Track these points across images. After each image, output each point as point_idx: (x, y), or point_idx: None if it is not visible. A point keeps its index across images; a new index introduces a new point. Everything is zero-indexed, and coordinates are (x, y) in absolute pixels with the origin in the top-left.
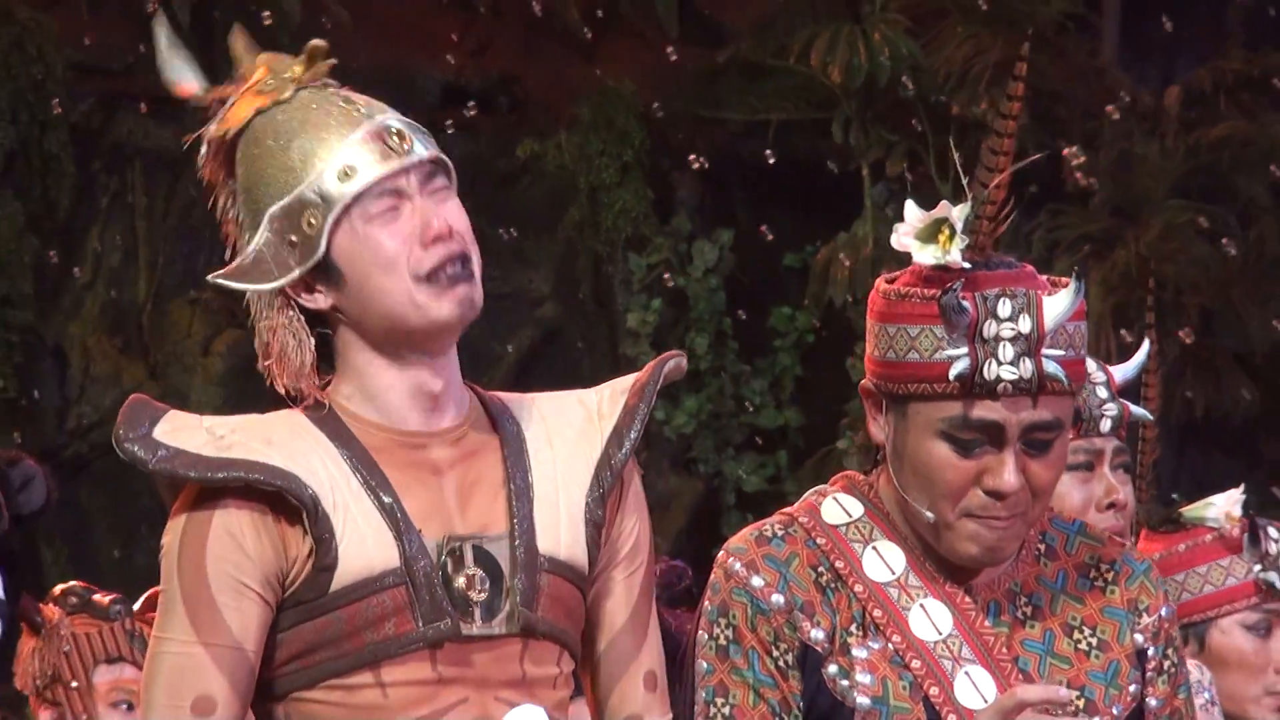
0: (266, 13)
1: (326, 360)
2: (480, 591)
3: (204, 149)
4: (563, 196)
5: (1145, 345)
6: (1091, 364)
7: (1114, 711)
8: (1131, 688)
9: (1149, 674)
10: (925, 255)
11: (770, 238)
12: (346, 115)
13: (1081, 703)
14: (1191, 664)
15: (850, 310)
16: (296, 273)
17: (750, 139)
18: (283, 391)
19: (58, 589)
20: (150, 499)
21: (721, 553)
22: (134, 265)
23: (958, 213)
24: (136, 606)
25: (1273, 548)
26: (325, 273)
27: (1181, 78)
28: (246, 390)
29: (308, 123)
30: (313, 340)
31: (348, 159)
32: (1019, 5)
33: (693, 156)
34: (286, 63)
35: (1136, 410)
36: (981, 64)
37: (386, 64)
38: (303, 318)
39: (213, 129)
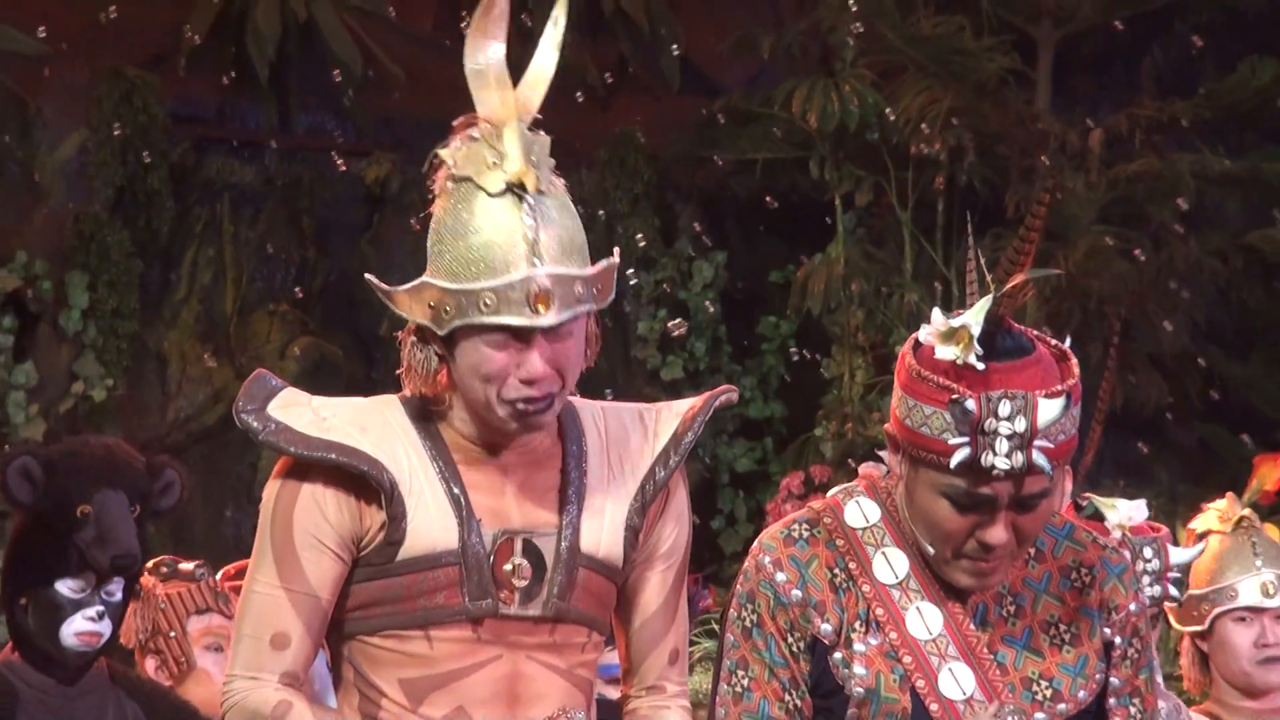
0: (335, 70)
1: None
2: (522, 579)
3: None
4: (583, 223)
5: (1202, 546)
6: (1149, 550)
7: (1079, 696)
8: (1098, 676)
9: (1114, 660)
10: (946, 353)
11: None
12: (518, 251)
13: None
14: None
15: (825, 319)
16: (423, 324)
17: (741, 175)
18: (409, 393)
19: (151, 562)
20: (236, 481)
21: (756, 544)
22: (222, 282)
23: (974, 322)
24: (219, 575)
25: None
26: (445, 341)
27: (1103, 122)
28: (316, 389)
29: (495, 231)
30: (435, 360)
31: (495, 293)
32: (965, 62)
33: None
34: (513, 153)
35: (1174, 592)
36: (935, 111)
37: (435, 113)
38: (428, 347)
39: (442, 153)
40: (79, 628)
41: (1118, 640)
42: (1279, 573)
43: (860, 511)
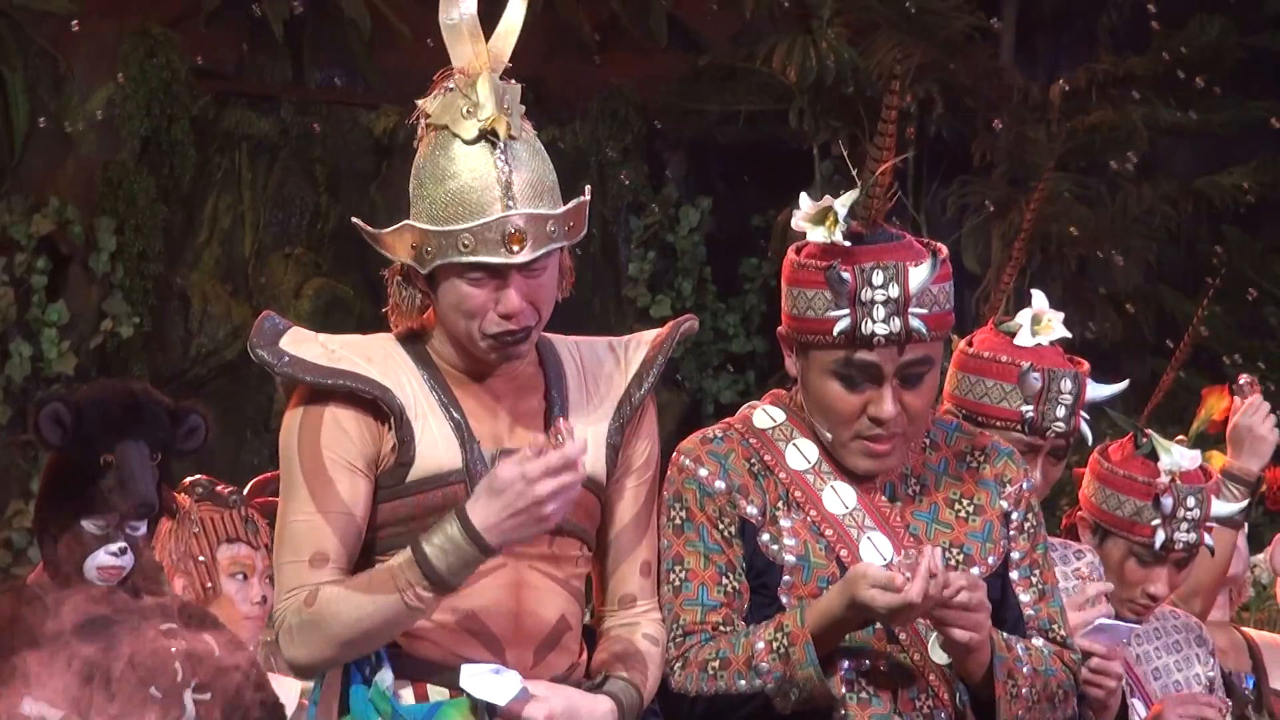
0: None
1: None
2: None
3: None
4: (577, 172)
5: (1124, 384)
6: (1069, 382)
7: (989, 561)
8: (1002, 542)
9: (1013, 532)
10: (816, 235)
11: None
12: (493, 194)
13: (957, 557)
14: (1088, 548)
15: None
16: (407, 264)
17: (725, 126)
18: (394, 329)
19: (186, 480)
20: (254, 412)
21: (675, 453)
22: (241, 227)
23: (840, 203)
24: (246, 490)
25: (1180, 512)
26: (427, 280)
27: (1063, 76)
28: (329, 326)
29: (471, 176)
30: (419, 297)
31: (473, 234)
32: (934, 20)
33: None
34: (486, 102)
35: (1085, 430)
36: (906, 65)
37: (439, 68)
38: (412, 285)
39: (421, 103)
40: (102, 562)
41: (1014, 514)
42: None
43: (766, 415)
